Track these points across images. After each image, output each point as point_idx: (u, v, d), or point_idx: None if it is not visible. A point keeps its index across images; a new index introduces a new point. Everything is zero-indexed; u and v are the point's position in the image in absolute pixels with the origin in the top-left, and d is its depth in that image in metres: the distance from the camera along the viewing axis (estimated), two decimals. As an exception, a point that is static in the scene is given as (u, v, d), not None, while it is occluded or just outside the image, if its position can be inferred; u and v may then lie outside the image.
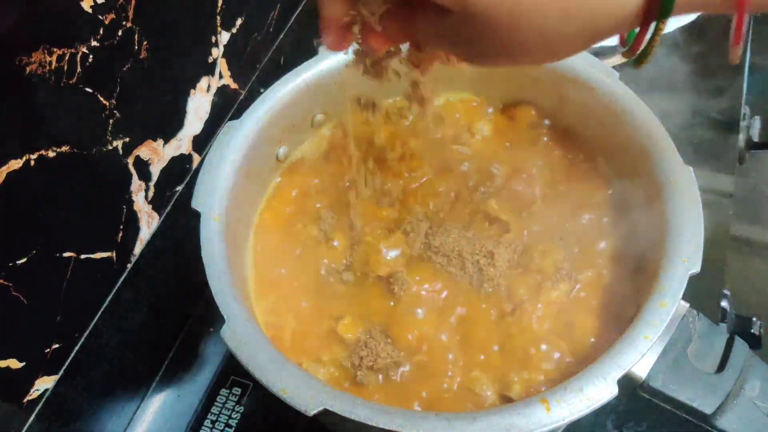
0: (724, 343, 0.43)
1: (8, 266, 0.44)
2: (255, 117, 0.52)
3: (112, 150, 0.52)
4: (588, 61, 0.53)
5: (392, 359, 0.46)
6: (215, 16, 0.61)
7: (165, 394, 0.61)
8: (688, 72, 0.82)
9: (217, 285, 0.43)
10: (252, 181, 0.52)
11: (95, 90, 0.48)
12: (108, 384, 0.57)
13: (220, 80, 0.64)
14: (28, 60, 0.42)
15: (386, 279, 0.49)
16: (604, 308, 0.48)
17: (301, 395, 0.38)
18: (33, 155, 0.44)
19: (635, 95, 0.51)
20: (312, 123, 0.58)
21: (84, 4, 0.45)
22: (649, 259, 0.47)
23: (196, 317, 0.64)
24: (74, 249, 0.50)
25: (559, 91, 0.55)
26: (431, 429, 0.37)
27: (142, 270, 0.57)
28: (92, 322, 0.53)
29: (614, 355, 0.40)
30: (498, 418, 0.38)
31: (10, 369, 0.46)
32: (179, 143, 0.60)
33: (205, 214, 0.47)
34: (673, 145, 0.48)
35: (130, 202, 0.55)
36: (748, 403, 0.41)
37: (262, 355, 0.40)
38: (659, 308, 0.41)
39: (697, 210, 0.45)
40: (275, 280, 0.51)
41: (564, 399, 0.38)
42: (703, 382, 0.42)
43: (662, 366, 0.42)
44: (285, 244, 0.53)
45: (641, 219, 0.50)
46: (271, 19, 0.70)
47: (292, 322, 0.49)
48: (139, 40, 0.51)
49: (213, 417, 0.57)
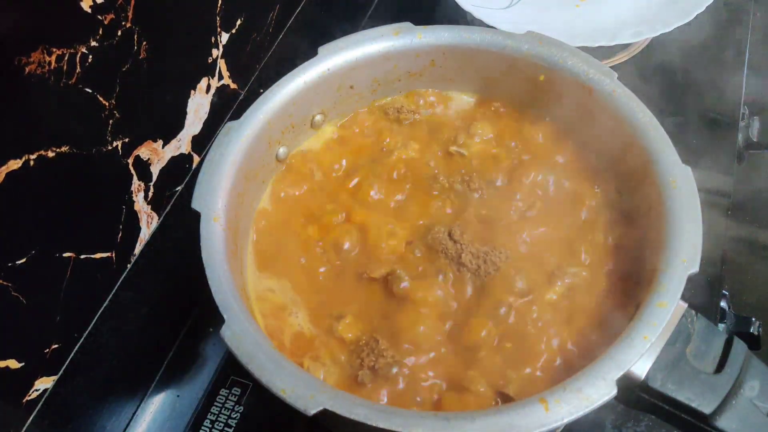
0: (723, 344, 0.43)
1: (8, 266, 0.44)
2: (255, 117, 0.52)
3: (111, 150, 0.52)
4: (587, 61, 0.54)
5: (393, 359, 0.46)
6: (215, 16, 0.61)
7: (165, 394, 0.61)
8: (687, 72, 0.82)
9: (217, 285, 0.43)
10: (252, 181, 0.52)
11: (95, 90, 0.48)
12: (108, 384, 0.57)
13: (219, 80, 0.64)
14: (28, 60, 0.42)
15: (386, 279, 0.49)
16: (602, 308, 0.48)
17: (301, 395, 0.38)
18: (33, 155, 0.44)
19: (634, 95, 0.51)
20: (312, 123, 0.58)
21: (83, 4, 0.45)
22: (647, 259, 0.47)
23: (196, 317, 0.64)
24: (74, 249, 0.50)
25: (558, 90, 0.56)
26: (431, 428, 0.37)
27: (141, 270, 0.57)
28: (92, 322, 0.54)
29: (613, 355, 0.40)
30: (497, 417, 0.38)
31: (10, 369, 0.46)
32: (179, 143, 0.60)
33: (205, 214, 0.47)
34: (672, 145, 0.48)
35: (130, 202, 0.55)
36: (747, 403, 0.41)
37: (262, 355, 0.40)
38: (658, 308, 0.41)
39: (696, 210, 0.45)
40: (275, 280, 0.51)
41: (563, 399, 0.38)
42: (701, 382, 0.42)
43: (661, 366, 0.42)
44: (285, 244, 0.53)
45: (640, 219, 0.50)
46: (271, 19, 0.70)
47: (292, 321, 0.49)
48: (139, 40, 0.51)
49: (213, 417, 0.57)
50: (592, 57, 0.54)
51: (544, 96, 0.57)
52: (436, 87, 0.61)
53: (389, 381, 0.45)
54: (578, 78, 0.53)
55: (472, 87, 0.60)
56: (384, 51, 0.56)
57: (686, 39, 0.82)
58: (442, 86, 0.61)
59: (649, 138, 0.49)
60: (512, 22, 0.73)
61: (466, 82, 0.60)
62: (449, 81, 0.60)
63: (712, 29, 0.84)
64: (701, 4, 0.74)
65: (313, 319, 0.49)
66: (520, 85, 0.58)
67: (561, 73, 0.54)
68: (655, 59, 0.81)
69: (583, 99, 0.54)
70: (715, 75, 0.82)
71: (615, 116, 0.52)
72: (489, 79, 0.59)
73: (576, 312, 0.48)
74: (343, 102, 0.59)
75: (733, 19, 0.87)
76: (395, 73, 0.58)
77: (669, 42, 0.80)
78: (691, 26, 0.73)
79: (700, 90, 0.80)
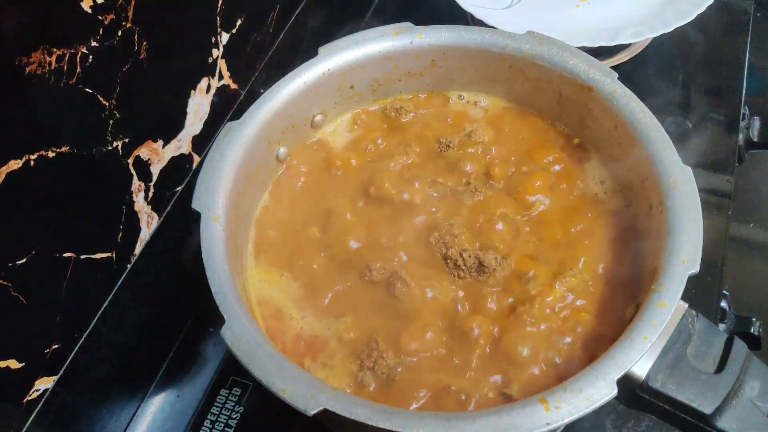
0: (724, 344, 0.43)
1: (8, 266, 0.44)
2: (255, 117, 0.52)
3: (112, 150, 0.52)
4: (587, 61, 0.54)
5: (393, 359, 0.46)
6: (215, 17, 0.61)
7: (165, 394, 0.61)
8: (687, 72, 0.82)
9: (217, 285, 0.43)
10: (252, 181, 0.52)
11: (95, 90, 0.48)
12: (108, 384, 0.57)
13: (220, 81, 0.64)
14: (28, 60, 0.42)
15: (387, 280, 0.49)
16: (602, 308, 0.48)
17: (301, 395, 0.38)
18: (33, 155, 0.44)
19: (634, 95, 0.51)
20: (312, 123, 0.58)
21: (84, 5, 0.45)
22: (648, 260, 0.47)
23: (196, 317, 0.64)
24: (74, 249, 0.50)
25: (558, 90, 0.56)
26: (431, 428, 0.37)
27: (141, 270, 0.57)
28: (92, 323, 0.53)
29: (614, 355, 0.40)
30: (497, 417, 0.38)
31: (10, 369, 0.46)
32: (179, 143, 0.60)
33: (205, 215, 0.47)
34: (672, 145, 0.48)
35: (130, 202, 0.55)
36: (748, 403, 0.41)
37: (262, 355, 0.40)
38: (658, 308, 0.41)
39: (696, 210, 0.45)
40: (275, 280, 0.51)
41: (563, 399, 0.38)
42: (702, 382, 0.42)
43: (661, 366, 0.42)
44: (285, 244, 0.53)
45: (640, 219, 0.50)
46: (271, 19, 0.70)
47: (292, 322, 0.49)
48: (139, 41, 0.51)
49: (213, 417, 0.57)
50: (593, 57, 0.54)
51: (543, 96, 0.57)
52: (436, 87, 0.61)
53: (389, 381, 0.45)
54: (578, 78, 0.53)
55: (473, 87, 0.60)
56: (384, 51, 0.56)
57: (686, 39, 0.82)
58: (443, 86, 0.61)
59: (650, 138, 0.49)
60: (512, 22, 0.73)
61: (466, 82, 0.60)
62: (449, 81, 0.60)
63: (713, 29, 0.84)
64: (701, 4, 0.74)
65: (313, 319, 0.49)
66: (521, 85, 0.58)
67: (561, 72, 0.54)
68: (655, 59, 0.81)
69: (583, 99, 0.54)
70: (715, 75, 0.82)
71: (615, 116, 0.52)
72: (489, 79, 0.59)
73: (576, 313, 0.48)
74: (344, 102, 0.59)
75: (733, 19, 0.87)
76: (395, 73, 0.58)
77: (669, 42, 0.80)
78: (691, 26, 0.73)
79: (700, 90, 0.81)
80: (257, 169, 0.53)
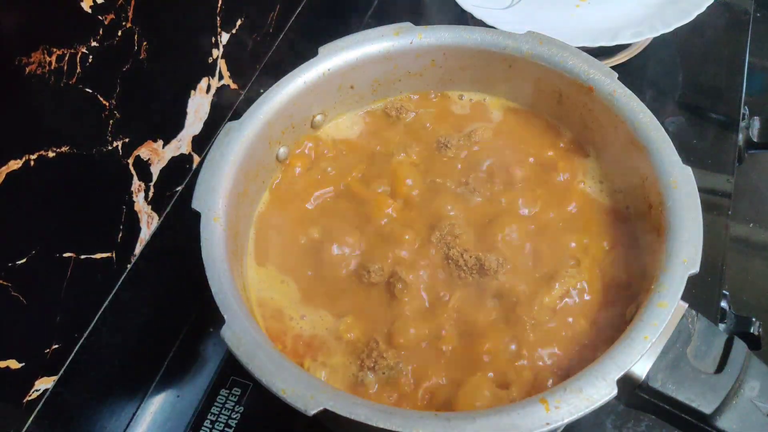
0: (724, 344, 0.43)
1: (8, 266, 0.44)
2: (255, 117, 0.52)
3: (112, 150, 0.52)
4: (587, 61, 0.54)
5: (393, 359, 0.46)
6: (215, 17, 0.61)
7: (165, 394, 0.61)
8: (687, 72, 0.82)
9: (217, 285, 0.43)
10: (252, 181, 0.52)
11: (95, 90, 0.48)
12: (108, 384, 0.57)
13: (220, 81, 0.64)
14: (28, 60, 0.42)
15: (388, 280, 0.49)
16: (602, 308, 0.48)
17: (301, 395, 0.38)
18: (33, 155, 0.44)
19: (634, 95, 0.51)
20: (312, 123, 0.58)
21: (84, 5, 0.45)
22: (648, 260, 0.47)
23: (196, 317, 0.64)
24: (74, 249, 0.50)
25: (558, 90, 0.56)
26: (431, 428, 0.37)
27: (141, 270, 0.57)
28: (92, 323, 0.54)
29: (614, 355, 0.40)
30: (497, 418, 0.38)
31: (10, 369, 0.46)
32: (179, 143, 0.60)
33: (205, 214, 0.47)
34: (672, 145, 0.48)
35: (130, 202, 0.55)
36: (748, 403, 0.41)
37: (262, 355, 0.40)
38: (658, 308, 0.41)
39: (696, 210, 0.45)
40: (275, 280, 0.51)
41: (563, 399, 0.38)
42: (702, 382, 0.42)
43: (661, 366, 0.42)
44: (285, 244, 0.53)
45: (640, 219, 0.50)
46: (271, 19, 0.70)
47: (292, 322, 0.49)
48: (139, 41, 0.51)
49: (213, 417, 0.57)
50: (593, 57, 0.54)
51: (543, 95, 0.57)
52: (436, 87, 0.61)
53: (389, 381, 0.45)
54: (578, 78, 0.53)
55: (473, 87, 0.60)
56: (384, 51, 0.56)
57: (686, 39, 0.82)
58: (443, 86, 0.61)
59: (649, 138, 0.49)
60: (512, 22, 0.73)
61: (466, 82, 0.60)
62: (449, 81, 0.60)
63: (713, 29, 0.84)
64: (701, 4, 0.74)
65: (313, 319, 0.49)
66: (521, 85, 0.58)
67: (562, 72, 0.54)
68: (655, 59, 0.81)
69: (583, 99, 0.54)
70: (715, 75, 0.82)
71: (615, 116, 0.52)
72: (489, 79, 0.59)
73: (576, 313, 0.48)
74: (344, 102, 0.59)
75: (733, 19, 0.87)
76: (395, 73, 0.58)
77: (669, 42, 0.80)
78: (691, 26, 0.73)
79: (700, 90, 0.80)
80: (257, 169, 0.53)
